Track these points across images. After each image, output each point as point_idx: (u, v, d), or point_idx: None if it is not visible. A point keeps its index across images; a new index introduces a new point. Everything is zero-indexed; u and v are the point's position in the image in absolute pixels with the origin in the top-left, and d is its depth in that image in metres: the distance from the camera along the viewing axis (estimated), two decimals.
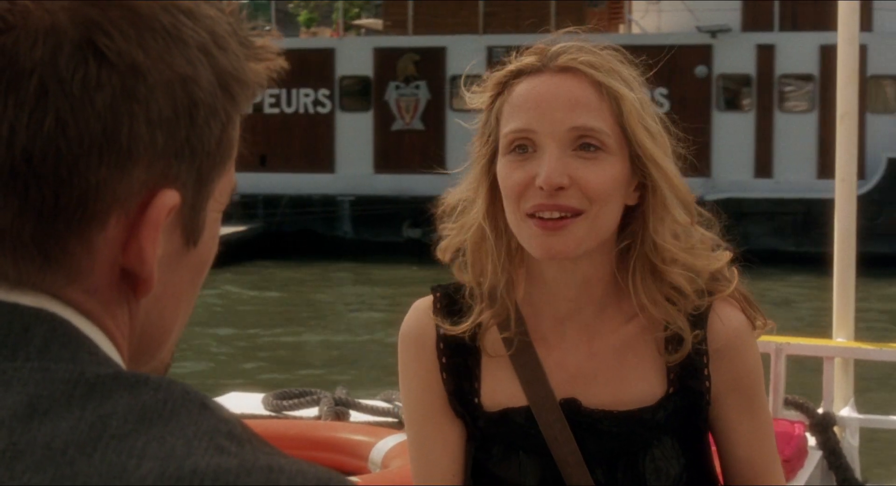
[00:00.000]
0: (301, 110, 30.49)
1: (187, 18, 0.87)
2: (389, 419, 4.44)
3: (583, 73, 1.79)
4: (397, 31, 31.05)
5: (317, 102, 30.48)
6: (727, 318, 1.89)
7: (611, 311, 1.89)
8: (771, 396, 4.22)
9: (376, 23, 34.69)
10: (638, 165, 1.81)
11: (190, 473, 0.75)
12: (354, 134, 29.96)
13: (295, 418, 4.56)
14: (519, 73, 1.83)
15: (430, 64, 29.66)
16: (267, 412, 4.62)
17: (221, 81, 0.89)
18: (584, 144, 1.78)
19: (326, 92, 30.37)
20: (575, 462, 1.86)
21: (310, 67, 29.32)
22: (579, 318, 1.89)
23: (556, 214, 1.77)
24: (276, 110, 30.17)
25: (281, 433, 4.22)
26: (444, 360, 1.92)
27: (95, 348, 0.85)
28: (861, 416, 4.46)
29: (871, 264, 11.17)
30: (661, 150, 1.81)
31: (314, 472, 0.79)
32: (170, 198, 0.86)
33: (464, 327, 1.90)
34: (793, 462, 3.86)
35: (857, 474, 4.29)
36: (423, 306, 1.96)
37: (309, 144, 30.10)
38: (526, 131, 1.79)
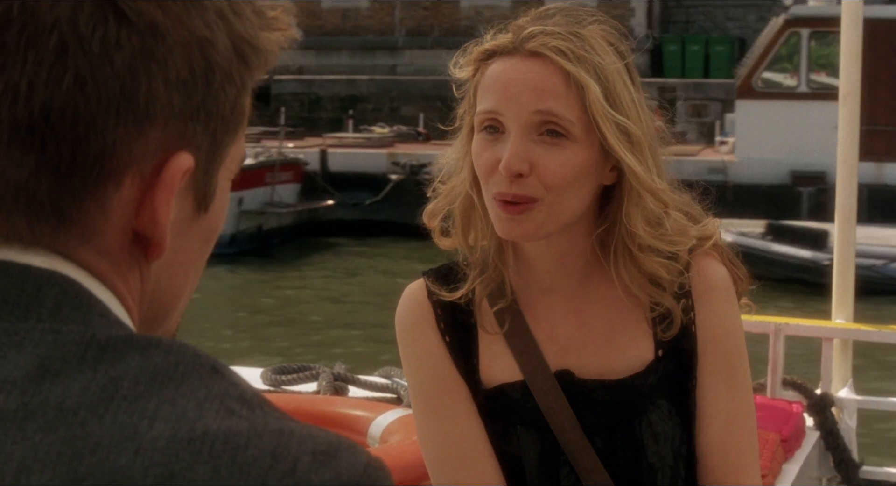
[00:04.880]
0: None
1: None
2: (388, 395, 4.43)
3: (551, 60, 1.79)
4: None
5: None
6: (709, 269, 1.89)
7: (596, 278, 1.90)
8: (769, 376, 4.22)
9: None
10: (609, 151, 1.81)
11: (201, 435, 0.76)
12: None
13: (293, 393, 4.56)
14: (493, 54, 1.84)
15: None
16: (265, 387, 4.61)
17: (237, 47, 0.89)
18: (549, 129, 1.79)
19: None
20: (571, 429, 1.87)
21: None
22: (564, 289, 1.90)
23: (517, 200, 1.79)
24: None
25: (279, 408, 4.22)
26: (447, 339, 1.93)
27: (107, 311, 0.85)
28: (859, 397, 4.45)
29: None
30: (629, 140, 1.79)
31: (324, 436, 0.79)
32: (185, 160, 0.86)
33: (460, 294, 1.91)
34: (790, 442, 3.86)
35: (854, 454, 4.29)
36: (417, 290, 1.96)
37: None
38: (494, 114, 1.81)
